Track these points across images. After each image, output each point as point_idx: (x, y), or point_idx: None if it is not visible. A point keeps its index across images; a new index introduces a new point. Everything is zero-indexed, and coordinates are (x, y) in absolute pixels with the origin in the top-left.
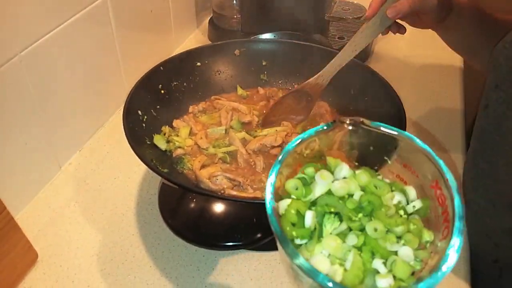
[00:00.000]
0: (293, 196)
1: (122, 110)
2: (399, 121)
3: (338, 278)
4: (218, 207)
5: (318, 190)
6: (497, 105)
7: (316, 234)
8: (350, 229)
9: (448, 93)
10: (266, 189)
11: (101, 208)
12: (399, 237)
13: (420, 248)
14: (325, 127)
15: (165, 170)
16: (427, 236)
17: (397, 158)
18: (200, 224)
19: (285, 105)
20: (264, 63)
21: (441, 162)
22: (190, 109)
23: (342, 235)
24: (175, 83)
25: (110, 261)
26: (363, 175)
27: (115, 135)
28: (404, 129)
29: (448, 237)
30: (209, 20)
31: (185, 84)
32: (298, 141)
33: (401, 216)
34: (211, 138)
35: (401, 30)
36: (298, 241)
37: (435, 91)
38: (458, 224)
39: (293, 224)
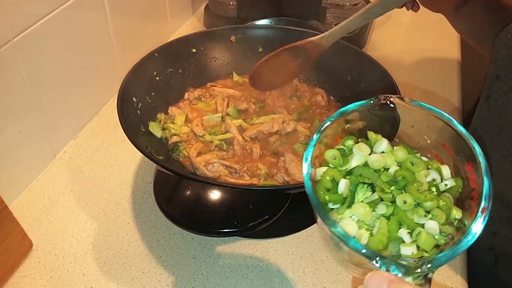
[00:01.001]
0: (330, 165)
1: (117, 97)
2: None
3: (363, 241)
4: (214, 194)
5: (355, 161)
6: (498, 96)
7: (348, 200)
8: (381, 200)
9: (446, 84)
10: (304, 156)
11: (96, 196)
12: (427, 212)
13: (448, 223)
14: (368, 102)
15: (161, 158)
16: (456, 213)
17: (436, 138)
18: (196, 211)
19: (280, 58)
20: (260, 50)
21: (475, 145)
22: (186, 95)
23: (373, 204)
24: (170, 69)
25: (105, 250)
26: (400, 151)
27: (110, 123)
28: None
29: (474, 216)
30: (205, 7)
31: (180, 71)
32: (339, 114)
33: (432, 192)
34: (207, 125)
35: (415, 7)
36: (330, 205)
37: (432, 82)
38: (483, 204)
39: (328, 190)
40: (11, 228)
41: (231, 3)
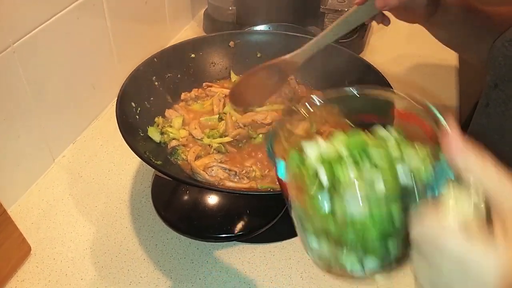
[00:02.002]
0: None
1: (115, 102)
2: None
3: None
4: (212, 199)
5: (310, 151)
6: (497, 104)
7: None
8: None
9: (444, 89)
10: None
11: (94, 201)
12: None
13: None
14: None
15: (159, 162)
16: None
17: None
18: (193, 216)
19: (257, 77)
20: (259, 55)
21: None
22: (182, 96)
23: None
24: (169, 75)
25: (103, 254)
26: (338, 136)
27: (109, 127)
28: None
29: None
30: (204, 12)
31: (179, 76)
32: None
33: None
34: (204, 127)
35: (385, 21)
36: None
37: (430, 87)
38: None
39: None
40: (9, 232)
41: (230, 8)
